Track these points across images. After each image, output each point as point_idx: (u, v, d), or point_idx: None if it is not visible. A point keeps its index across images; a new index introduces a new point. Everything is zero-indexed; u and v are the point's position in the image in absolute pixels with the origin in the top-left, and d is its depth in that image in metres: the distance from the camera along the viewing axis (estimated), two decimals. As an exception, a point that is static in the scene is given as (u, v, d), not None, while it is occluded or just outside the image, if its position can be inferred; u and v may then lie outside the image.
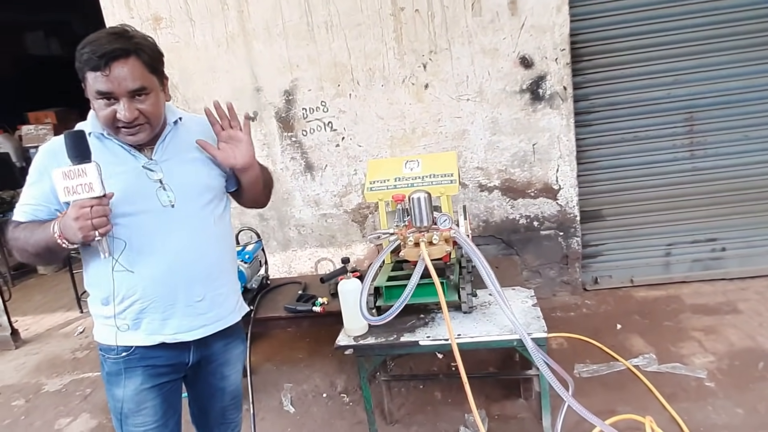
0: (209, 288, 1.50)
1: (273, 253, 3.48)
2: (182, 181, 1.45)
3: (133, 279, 1.40)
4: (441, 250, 1.90)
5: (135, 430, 1.50)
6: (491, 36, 3.12)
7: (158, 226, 1.41)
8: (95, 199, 1.22)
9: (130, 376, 1.46)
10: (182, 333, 1.47)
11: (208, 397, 1.66)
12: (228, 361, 1.64)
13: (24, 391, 3.20)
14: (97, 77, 1.29)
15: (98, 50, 1.28)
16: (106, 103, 1.32)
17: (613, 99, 3.28)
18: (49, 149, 1.41)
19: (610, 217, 3.44)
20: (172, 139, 1.49)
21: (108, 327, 1.46)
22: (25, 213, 1.39)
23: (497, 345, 1.94)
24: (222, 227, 1.57)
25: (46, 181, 1.36)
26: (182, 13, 3.24)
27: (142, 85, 1.33)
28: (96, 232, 1.22)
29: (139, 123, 1.36)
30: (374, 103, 3.28)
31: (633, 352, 2.75)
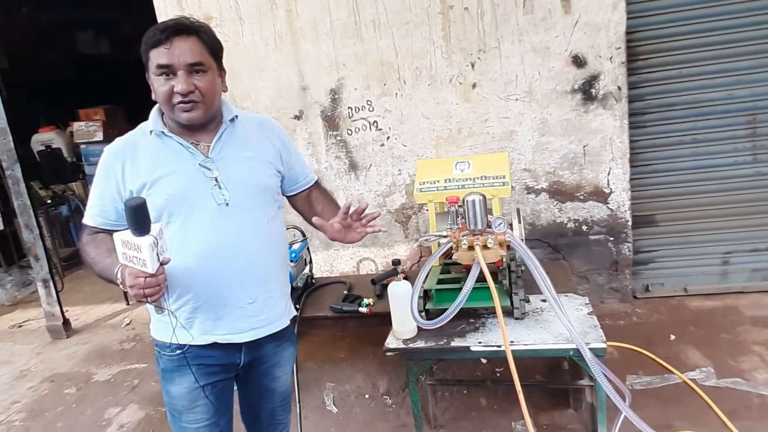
0: (261, 290, 1.50)
1: (315, 251, 3.49)
2: (237, 180, 1.45)
3: (188, 278, 1.40)
4: (495, 254, 1.86)
5: (188, 426, 1.52)
6: (543, 34, 3.04)
7: (212, 225, 1.41)
8: (147, 273, 1.20)
9: (183, 374, 1.48)
10: (233, 334, 1.48)
11: (258, 398, 1.66)
12: (279, 362, 1.64)
13: (75, 380, 3.30)
14: (158, 52, 1.34)
15: (161, 26, 1.35)
16: (165, 79, 1.36)
17: (670, 100, 3.15)
18: (114, 149, 1.45)
19: (663, 223, 3.31)
20: (229, 136, 1.49)
21: (163, 324, 1.47)
22: (94, 216, 1.44)
23: (552, 354, 1.88)
24: (275, 228, 1.56)
25: (111, 180, 1.40)
26: (232, 12, 3.28)
27: (200, 60, 1.36)
28: (147, 299, 1.22)
29: (194, 99, 1.37)
30: (420, 102, 3.24)
31: (689, 365, 2.63)
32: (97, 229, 1.44)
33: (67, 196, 5.91)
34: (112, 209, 1.41)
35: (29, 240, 3.89)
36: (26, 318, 4.45)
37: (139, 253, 1.17)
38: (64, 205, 5.90)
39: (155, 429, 2.70)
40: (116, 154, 1.43)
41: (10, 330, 4.29)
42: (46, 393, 3.20)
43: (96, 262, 1.37)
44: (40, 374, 3.44)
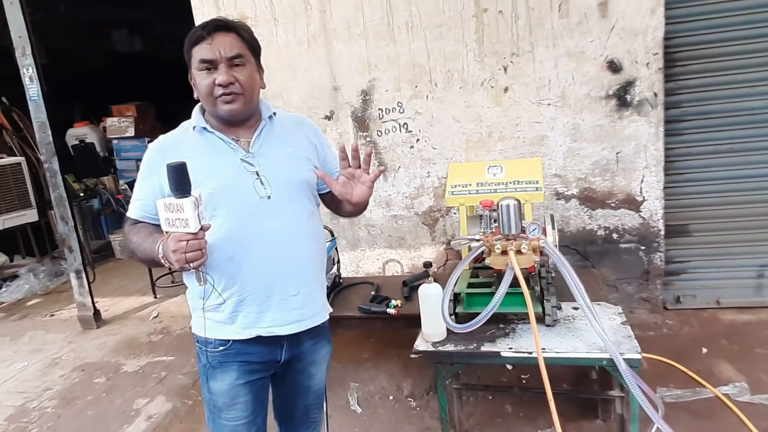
0: (303, 283, 1.52)
1: (342, 251, 3.50)
2: (278, 174, 1.48)
3: (234, 269, 1.43)
4: (529, 259, 1.84)
5: (227, 423, 1.53)
6: (578, 39, 3.00)
7: (256, 218, 1.44)
8: (190, 234, 1.24)
9: (225, 371, 1.50)
10: (277, 327, 1.49)
11: (294, 396, 1.68)
12: (315, 360, 1.66)
13: (105, 370, 3.38)
14: (201, 47, 1.40)
15: (203, 25, 1.42)
16: (207, 73, 1.41)
17: (707, 107, 3.08)
18: (157, 146, 1.49)
19: (697, 233, 3.24)
20: (268, 133, 1.53)
21: (205, 320, 1.49)
22: (137, 209, 1.48)
23: (585, 363, 1.85)
24: (314, 223, 1.60)
25: (154, 175, 1.44)
26: (267, 12, 3.32)
27: (239, 53, 1.42)
28: (190, 264, 1.25)
29: (235, 91, 1.42)
30: (451, 105, 3.24)
31: (721, 380, 2.57)
32: (139, 222, 1.48)
33: (99, 189, 6.06)
34: (153, 204, 1.43)
35: (64, 231, 3.99)
36: (58, 307, 4.57)
37: (181, 213, 1.22)
38: (96, 198, 6.06)
39: (182, 421, 2.74)
40: (160, 150, 1.47)
41: (43, 319, 4.41)
42: (76, 381, 3.28)
43: (138, 245, 1.41)
44: (71, 363, 3.53)
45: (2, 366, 3.59)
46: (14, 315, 4.57)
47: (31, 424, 2.87)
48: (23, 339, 4.01)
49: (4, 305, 4.82)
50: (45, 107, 3.78)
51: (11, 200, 5.07)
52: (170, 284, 4.69)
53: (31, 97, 3.76)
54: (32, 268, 5.25)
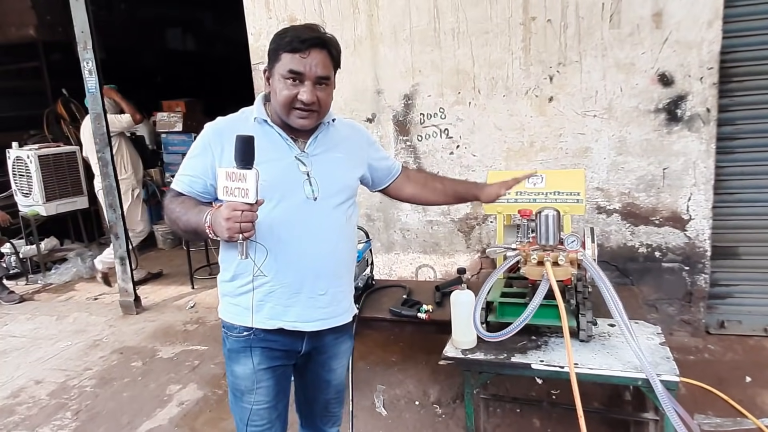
0: (332, 284, 1.56)
1: (376, 254, 3.52)
2: (327, 177, 1.52)
3: (270, 260, 1.46)
4: (566, 271, 1.81)
5: (248, 407, 1.58)
6: (628, 50, 2.93)
7: (299, 216, 1.47)
8: (247, 204, 1.27)
9: (248, 355, 1.54)
10: (301, 322, 1.53)
11: (314, 388, 1.71)
12: (336, 354, 1.68)
13: (141, 354, 3.49)
14: (294, 58, 1.41)
15: (302, 36, 1.41)
16: (293, 84, 1.42)
17: (763, 125, 2.95)
18: (216, 127, 1.52)
19: (746, 256, 3.09)
20: (324, 136, 1.56)
21: (233, 306, 1.54)
22: (183, 183, 1.50)
23: (619, 381, 1.80)
24: (351, 228, 1.64)
25: (208, 155, 1.48)
26: (316, 15, 3.38)
27: (327, 75, 1.44)
28: (240, 235, 1.28)
29: (313, 109, 1.45)
30: (494, 113, 3.21)
31: (765, 411, 2.45)
32: (182, 195, 1.50)
33: (146, 181, 6.27)
34: (201, 181, 1.49)
35: (112, 219, 4.16)
36: (102, 291, 4.76)
37: (243, 183, 1.26)
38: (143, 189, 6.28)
39: (212, 410, 2.81)
40: (219, 132, 1.49)
41: (87, 301, 4.60)
42: (115, 363, 3.41)
43: (181, 215, 1.43)
44: (110, 345, 3.67)
45: (48, 344, 3.76)
46: (61, 296, 4.78)
47: (71, 400, 3.00)
48: (68, 320, 4.19)
49: (53, 286, 5.05)
50: (101, 100, 3.96)
51: (65, 187, 5.31)
52: (208, 276, 4.82)
53: (89, 90, 3.94)
54: (80, 252, 5.49)
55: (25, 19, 6.13)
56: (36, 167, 5.03)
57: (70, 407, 2.93)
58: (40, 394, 3.08)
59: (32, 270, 5.35)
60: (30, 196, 5.15)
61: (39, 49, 6.35)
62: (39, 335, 3.93)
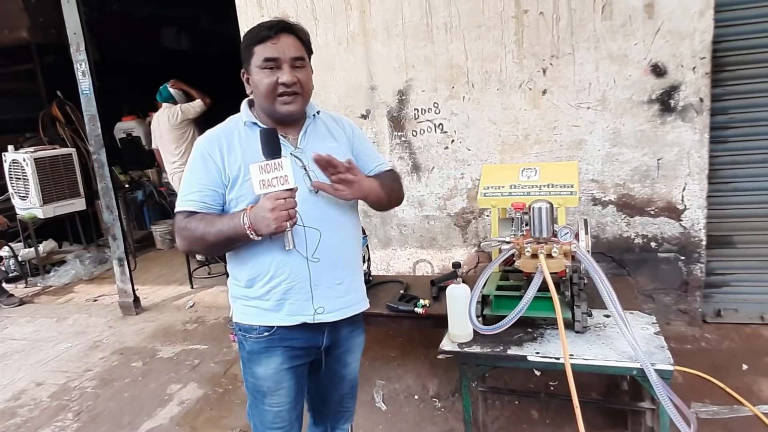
0: (347, 272, 1.58)
1: (373, 250, 3.53)
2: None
3: (284, 258, 1.47)
4: (560, 263, 1.82)
5: (270, 409, 1.58)
6: (621, 41, 2.93)
7: (306, 211, 1.47)
8: (288, 191, 1.30)
9: (271, 355, 1.54)
10: (322, 314, 1.54)
11: (329, 384, 1.72)
12: (351, 348, 1.70)
13: (142, 354, 3.51)
14: (265, 46, 1.44)
15: (267, 24, 1.47)
16: (270, 72, 1.45)
17: (756, 114, 2.96)
18: (209, 138, 1.53)
19: (741, 245, 3.11)
20: (313, 130, 1.59)
21: (250, 308, 1.54)
22: (192, 201, 1.47)
23: (614, 371, 1.81)
24: (355, 215, 1.66)
25: (211, 165, 1.48)
26: (308, 12, 3.38)
27: (301, 55, 1.47)
28: (288, 222, 1.30)
29: (296, 91, 1.47)
30: (488, 107, 3.21)
31: (762, 398, 2.46)
32: (195, 213, 1.47)
33: (143, 181, 6.28)
34: (212, 192, 1.47)
35: (109, 220, 4.16)
36: (101, 293, 4.77)
37: (280, 170, 1.30)
38: (140, 190, 6.28)
39: (212, 408, 2.82)
40: (213, 141, 1.50)
41: (86, 303, 4.62)
42: (115, 364, 3.42)
43: (208, 229, 1.42)
44: (111, 346, 3.68)
45: (48, 346, 3.78)
46: (61, 298, 4.80)
47: (72, 401, 3.01)
48: (68, 321, 4.21)
49: (52, 289, 5.06)
50: (96, 101, 3.96)
51: (61, 189, 5.32)
52: (207, 275, 4.83)
53: (83, 91, 3.94)
54: (79, 254, 5.50)
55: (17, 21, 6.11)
56: (32, 170, 5.04)
57: (71, 408, 2.94)
58: (42, 395, 3.10)
59: (31, 273, 5.36)
60: (27, 199, 5.16)
61: (32, 52, 6.34)
62: (39, 337, 3.94)
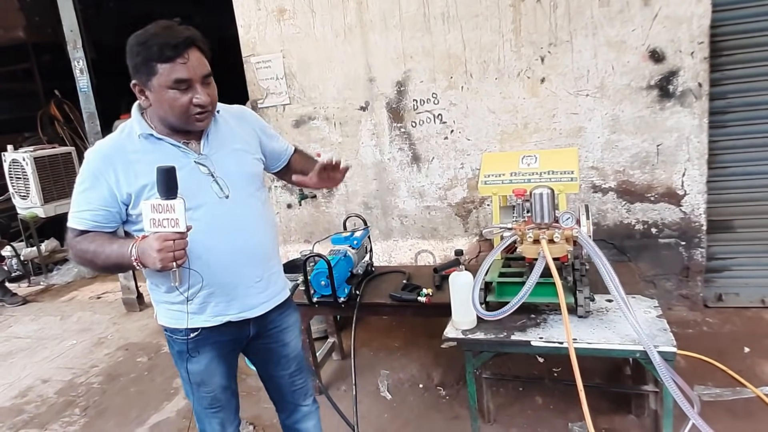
0: (265, 269, 1.61)
1: (375, 241, 3.53)
2: (232, 172, 1.53)
3: (201, 267, 1.42)
4: (562, 249, 1.83)
5: (206, 395, 1.63)
6: (619, 27, 2.93)
7: (217, 217, 1.48)
8: (178, 233, 1.28)
9: (199, 352, 1.57)
10: (245, 312, 1.58)
11: (274, 367, 1.75)
12: (286, 327, 1.73)
13: (147, 350, 3.53)
14: (174, 66, 1.35)
15: (172, 41, 1.34)
16: (182, 92, 1.38)
17: (755, 98, 2.96)
18: (102, 154, 1.44)
19: (741, 229, 3.12)
20: (215, 133, 1.54)
21: (174, 312, 1.55)
22: (84, 219, 1.43)
23: (617, 354, 1.83)
24: (268, 210, 1.68)
25: (102, 184, 1.42)
26: (304, 4, 3.37)
27: (209, 71, 1.42)
28: (174, 263, 1.29)
29: (209, 109, 1.44)
30: (486, 96, 3.21)
31: (764, 380, 2.48)
32: (87, 231, 1.45)
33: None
34: (103, 212, 1.43)
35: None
36: (105, 290, 4.79)
37: (171, 213, 1.27)
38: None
39: (218, 401, 2.84)
40: (106, 158, 1.43)
41: (90, 300, 4.64)
42: (120, 360, 3.44)
43: (98, 253, 1.40)
44: (115, 342, 3.70)
45: (53, 343, 3.79)
46: (64, 297, 4.81)
47: (78, 397, 3.03)
48: (72, 319, 4.23)
49: (56, 287, 5.08)
50: (94, 99, 3.95)
51: (62, 188, 5.31)
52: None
53: (82, 89, 3.94)
54: (81, 253, 5.51)
55: (13, 21, 6.09)
56: (32, 169, 5.04)
57: (78, 404, 2.97)
58: (48, 392, 3.12)
59: (34, 272, 5.38)
60: (28, 198, 5.16)
61: (29, 51, 6.32)
62: (44, 335, 3.96)
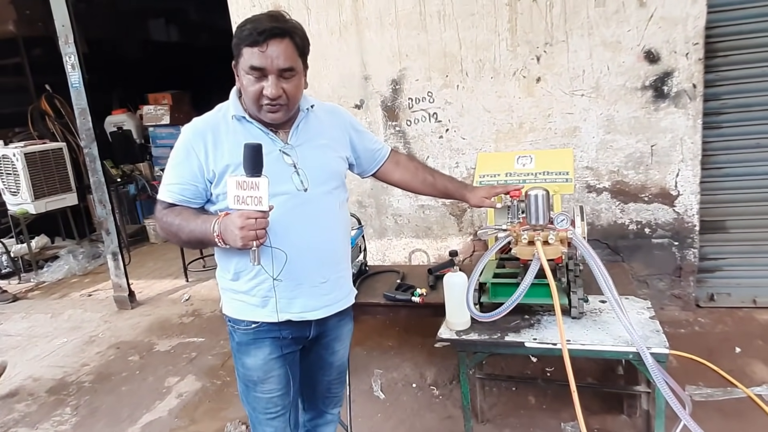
0: (333, 271, 1.57)
1: (369, 240, 3.52)
2: (313, 166, 1.51)
3: (267, 256, 1.43)
4: (556, 250, 1.83)
5: (262, 396, 1.59)
6: (614, 28, 2.93)
7: (293, 209, 1.46)
8: (260, 212, 1.28)
9: (259, 346, 1.55)
10: (307, 312, 1.54)
11: (317, 370, 1.73)
12: (339, 336, 1.71)
13: (138, 348, 3.50)
14: (253, 53, 1.37)
15: (259, 27, 1.36)
16: (256, 79, 1.40)
17: (749, 100, 2.97)
18: (196, 129, 1.48)
19: (734, 230, 3.14)
20: (305, 125, 1.55)
21: (237, 302, 1.54)
22: (172, 193, 1.47)
23: (610, 356, 1.83)
24: (344, 213, 1.64)
25: (193, 159, 1.45)
26: (300, 1, 3.35)
27: (291, 66, 1.40)
28: (254, 242, 1.28)
29: (281, 103, 1.42)
30: (482, 95, 3.21)
31: (755, 380, 2.50)
32: (174, 205, 1.49)
33: (135, 175, 6.24)
34: (191, 187, 1.46)
35: (102, 215, 4.13)
36: (95, 288, 4.75)
37: (255, 191, 1.27)
38: (132, 184, 6.25)
39: (211, 400, 2.83)
40: (199, 134, 1.46)
41: (81, 298, 4.60)
42: (112, 358, 3.42)
43: (183, 226, 1.42)
44: (107, 341, 3.67)
45: (44, 341, 3.76)
46: (55, 294, 4.77)
47: (69, 396, 3.00)
48: (63, 317, 4.19)
49: (46, 284, 5.03)
50: (86, 94, 3.91)
51: (53, 184, 5.26)
52: (202, 268, 4.81)
53: (73, 84, 3.90)
54: (72, 249, 5.47)
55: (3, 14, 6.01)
56: (23, 165, 4.98)
57: (69, 403, 2.94)
58: (39, 391, 3.09)
59: (24, 269, 5.32)
60: (18, 194, 5.11)
61: (20, 45, 6.25)
62: (34, 333, 3.93)
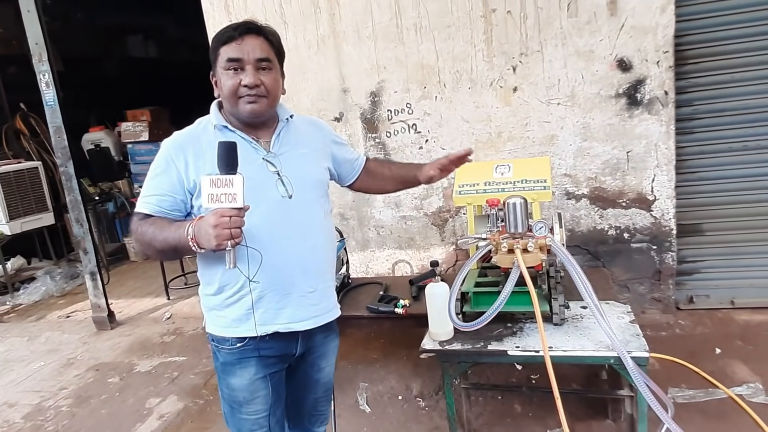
0: (320, 280, 1.56)
1: (351, 252, 3.51)
2: (297, 174, 1.51)
3: (253, 267, 1.42)
4: (536, 258, 1.84)
5: (248, 418, 1.55)
6: (587, 38, 2.99)
7: (278, 217, 1.46)
8: (235, 210, 1.26)
9: (244, 366, 1.52)
10: (294, 323, 1.52)
11: (303, 388, 1.70)
12: (325, 353, 1.69)
13: (118, 369, 3.42)
14: (229, 47, 1.42)
15: (234, 26, 1.44)
16: (234, 72, 1.43)
17: (719, 105, 3.05)
18: (176, 142, 1.48)
19: (710, 233, 3.20)
20: (286, 134, 1.56)
21: (221, 318, 1.52)
22: (150, 204, 1.45)
23: (592, 361, 1.84)
24: (329, 222, 1.64)
25: (172, 171, 1.44)
26: (277, 16, 3.36)
27: (267, 56, 1.44)
28: (229, 242, 1.25)
29: (260, 93, 1.44)
30: (460, 105, 3.24)
31: (735, 380, 2.53)
32: (151, 216, 1.45)
33: (114, 193, 6.15)
34: (170, 198, 1.45)
35: (79, 234, 4.06)
36: (74, 309, 4.65)
37: (230, 188, 1.25)
38: (111, 201, 6.15)
39: (193, 420, 2.77)
40: (179, 146, 1.46)
41: (59, 320, 4.49)
42: (91, 381, 3.33)
43: (156, 234, 1.39)
44: (86, 363, 3.59)
45: (20, 366, 3.66)
46: (31, 316, 4.65)
47: (47, 422, 2.92)
48: (40, 339, 4.08)
49: (22, 307, 4.91)
50: (61, 112, 3.85)
51: (28, 204, 5.16)
52: (183, 286, 4.74)
53: (47, 103, 3.84)
54: (49, 270, 5.34)
55: (-24, 33, 5.92)
56: (-3, 185, 4.88)
57: (46, 429, 2.86)
58: (15, 417, 3.00)
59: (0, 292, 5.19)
60: (-8, 215, 4.99)
61: (-7, 63, 6.15)
62: (10, 357, 3.82)
